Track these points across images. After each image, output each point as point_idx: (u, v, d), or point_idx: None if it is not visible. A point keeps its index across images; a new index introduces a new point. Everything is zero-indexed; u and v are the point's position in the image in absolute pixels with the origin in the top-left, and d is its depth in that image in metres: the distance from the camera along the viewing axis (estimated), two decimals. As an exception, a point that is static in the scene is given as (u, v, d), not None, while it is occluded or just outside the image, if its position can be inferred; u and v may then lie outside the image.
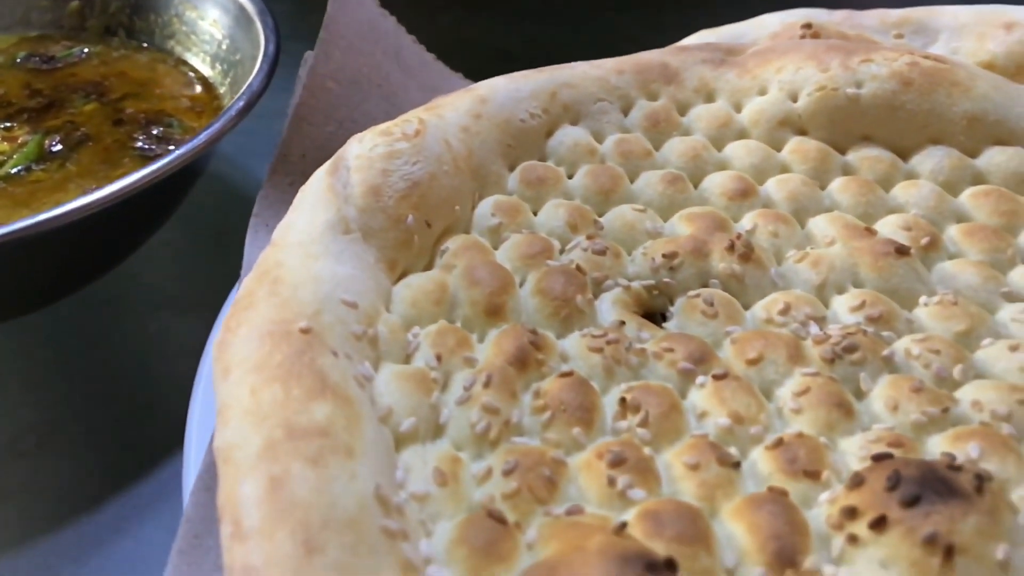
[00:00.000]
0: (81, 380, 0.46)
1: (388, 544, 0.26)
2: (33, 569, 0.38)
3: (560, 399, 0.33)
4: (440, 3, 0.84)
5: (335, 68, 0.48)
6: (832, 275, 0.38)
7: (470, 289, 0.37)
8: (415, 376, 0.33)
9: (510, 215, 0.41)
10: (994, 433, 0.31)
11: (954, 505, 0.27)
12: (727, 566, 0.28)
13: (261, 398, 0.28)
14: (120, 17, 0.60)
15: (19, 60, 0.58)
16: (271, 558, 0.24)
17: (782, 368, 0.34)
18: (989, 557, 0.26)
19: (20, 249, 0.39)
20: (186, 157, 0.41)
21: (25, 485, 0.41)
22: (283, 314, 0.32)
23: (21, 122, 0.52)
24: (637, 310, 0.39)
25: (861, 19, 0.55)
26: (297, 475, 0.26)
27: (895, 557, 0.27)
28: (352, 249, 0.36)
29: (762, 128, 0.46)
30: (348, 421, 0.28)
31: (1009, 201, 0.42)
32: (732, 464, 0.31)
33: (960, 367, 0.34)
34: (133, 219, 0.45)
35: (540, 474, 0.30)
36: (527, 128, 0.44)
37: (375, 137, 0.39)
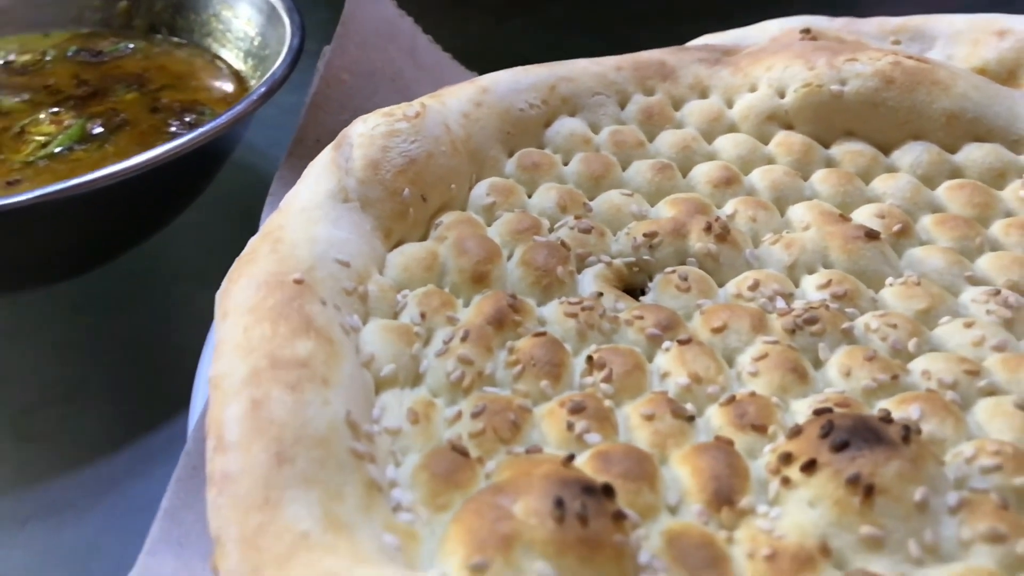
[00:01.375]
0: (107, 341, 0.49)
1: (355, 463, 0.29)
2: (57, 503, 0.41)
3: (531, 355, 0.35)
4: (470, 12, 0.88)
5: (350, 61, 0.52)
6: (803, 256, 0.41)
7: (458, 258, 0.39)
8: (399, 329, 0.36)
9: (504, 195, 0.44)
10: (937, 398, 0.33)
11: (879, 451, 0.29)
12: (670, 503, 0.30)
13: (251, 335, 0.32)
14: (163, 16, 0.65)
15: (70, 54, 0.63)
16: (246, 467, 0.27)
17: (745, 336, 0.37)
18: (907, 498, 0.28)
19: (55, 213, 0.43)
20: (208, 135, 0.45)
21: (51, 430, 0.45)
22: (280, 267, 0.35)
23: (68, 108, 0.57)
24: (618, 284, 0.41)
25: (860, 26, 0.57)
26: (276, 398, 0.29)
27: (821, 496, 0.29)
28: (350, 216, 0.39)
29: (751, 122, 0.48)
30: (327, 357, 0.31)
31: (982, 193, 0.44)
32: (686, 417, 0.33)
33: (915, 340, 0.36)
34: (161, 192, 0.48)
35: (506, 418, 0.32)
36: (526, 117, 0.47)
37: (378, 118, 0.42)
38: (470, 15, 0.87)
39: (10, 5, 0.64)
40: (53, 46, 0.63)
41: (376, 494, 0.29)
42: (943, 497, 0.29)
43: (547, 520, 0.26)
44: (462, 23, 0.88)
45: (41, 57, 0.62)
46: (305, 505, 0.27)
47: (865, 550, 0.28)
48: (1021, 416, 0.32)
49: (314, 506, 0.27)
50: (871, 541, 0.27)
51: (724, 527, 0.29)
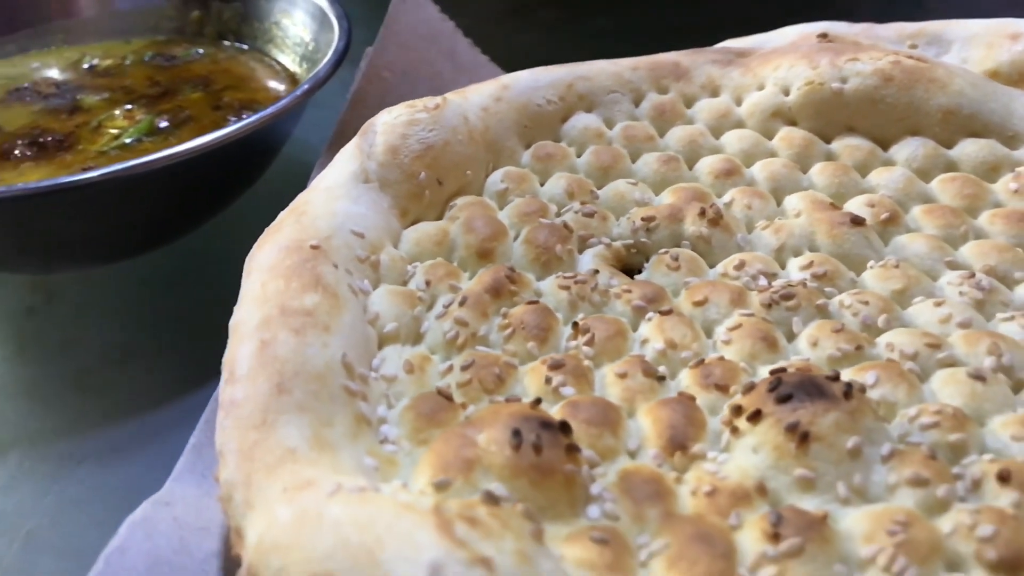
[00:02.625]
0: (161, 313, 0.55)
1: (347, 398, 0.33)
2: (108, 448, 0.46)
3: (522, 319, 0.39)
4: (520, 25, 0.92)
5: (391, 60, 0.56)
6: (791, 240, 0.43)
7: (467, 235, 0.43)
8: (404, 293, 0.40)
9: (517, 182, 0.47)
10: (895, 366, 0.35)
11: (819, 403, 0.31)
12: (630, 448, 0.33)
13: (267, 288, 0.36)
14: (231, 24, 0.71)
15: (147, 59, 0.69)
16: (250, 394, 0.31)
17: (723, 309, 0.39)
18: (840, 445, 0.30)
19: (120, 192, 0.48)
20: (252, 125, 0.50)
21: (107, 387, 0.50)
22: (301, 235, 0.39)
23: (140, 105, 0.63)
24: (616, 265, 0.44)
25: (879, 31, 0.59)
26: (281, 340, 0.33)
27: (763, 442, 0.31)
28: (369, 195, 0.43)
29: (756, 119, 0.51)
30: (330, 308, 0.35)
31: (973, 185, 0.45)
32: (656, 377, 0.36)
33: (885, 317, 0.38)
34: (215, 177, 0.53)
35: (491, 371, 0.36)
36: (543, 112, 0.51)
37: (401, 109, 0.46)
38: (520, 27, 0.92)
39: (97, 16, 0.70)
40: (132, 52, 0.70)
41: (365, 427, 0.33)
42: (878, 447, 0.31)
43: (505, 447, 0.30)
44: (512, 35, 0.93)
45: (121, 61, 0.68)
46: (297, 427, 0.31)
47: (797, 490, 0.30)
48: (971, 384, 0.34)
49: (305, 429, 0.31)
50: (803, 482, 0.30)
51: (675, 469, 0.32)
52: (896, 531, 0.28)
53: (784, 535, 0.28)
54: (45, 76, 0.66)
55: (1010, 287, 0.40)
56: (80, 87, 0.65)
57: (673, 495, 0.31)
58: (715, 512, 0.30)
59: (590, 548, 0.28)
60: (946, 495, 0.29)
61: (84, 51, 0.69)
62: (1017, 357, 0.35)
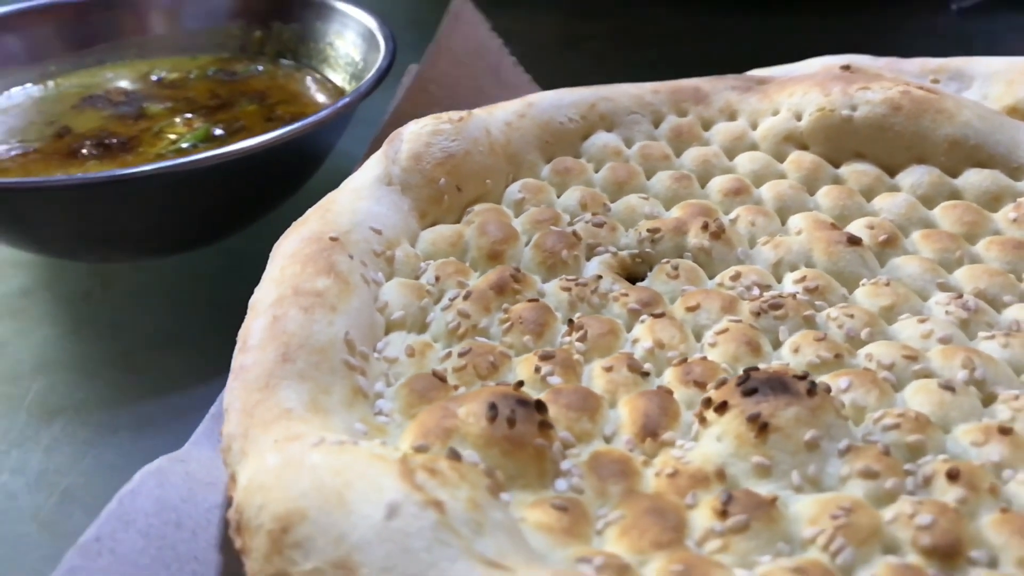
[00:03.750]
0: (205, 304, 0.59)
1: (346, 371, 0.36)
2: (144, 420, 0.50)
3: (521, 315, 0.41)
4: (568, 54, 0.96)
5: (439, 75, 0.60)
6: (788, 256, 0.45)
7: (479, 237, 0.46)
8: (413, 285, 0.43)
9: (534, 192, 0.50)
10: (870, 374, 0.37)
11: (782, 398, 0.33)
12: (606, 434, 0.35)
13: (285, 272, 0.39)
14: (289, 44, 0.75)
15: (210, 73, 0.74)
16: (257, 361, 0.35)
17: (714, 315, 0.41)
18: (797, 437, 0.32)
19: (171, 187, 0.52)
20: (296, 131, 0.54)
21: (149, 367, 0.54)
22: (323, 228, 0.43)
23: (199, 115, 0.67)
24: (621, 272, 0.46)
25: (902, 65, 0.60)
26: (291, 316, 0.36)
27: (726, 432, 0.33)
28: (391, 197, 0.47)
29: (769, 142, 0.53)
30: (339, 292, 0.38)
31: (974, 213, 0.47)
32: (641, 372, 0.38)
33: (868, 330, 0.40)
34: (261, 179, 0.57)
35: (486, 359, 0.39)
36: (565, 129, 0.54)
37: (428, 120, 0.50)
38: (571, 57, 0.95)
39: (167, 34, 0.76)
40: (197, 67, 0.75)
41: (361, 398, 0.35)
42: (836, 443, 0.33)
43: (481, 419, 0.32)
44: (561, 63, 0.96)
45: (186, 75, 0.74)
46: (296, 392, 0.34)
47: (754, 476, 0.32)
48: (940, 393, 0.35)
49: (303, 394, 0.34)
50: (760, 468, 0.32)
51: (645, 454, 0.34)
52: (839, 515, 0.30)
53: (732, 513, 0.30)
54: (117, 86, 0.72)
55: (998, 310, 0.41)
56: (147, 96, 0.70)
57: (638, 475, 0.33)
58: (674, 491, 0.32)
59: (550, 513, 0.30)
60: (894, 487, 0.31)
61: (154, 65, 0.75)
62: (990, 371, 0.37)
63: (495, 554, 0.26)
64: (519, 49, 0.96)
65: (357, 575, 0.25)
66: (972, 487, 0.31)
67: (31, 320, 0.57)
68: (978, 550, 0.29)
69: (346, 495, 0.27)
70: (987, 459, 0.32)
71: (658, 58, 0.94)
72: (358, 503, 0.27)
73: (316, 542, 0.26)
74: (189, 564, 0.32)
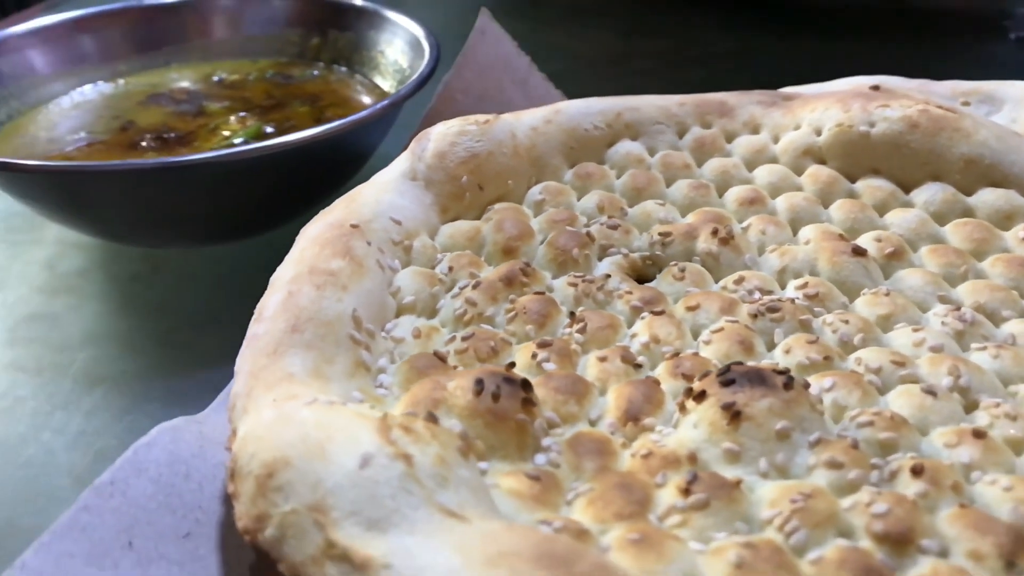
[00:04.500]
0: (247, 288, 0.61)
1: (351, 345, 0.38)
2: (175, 394, 0.53)
3: (526, 306, 0.43)
4: (612, 72, 0.98)
5: (465, 85, 0.63)
6: (793, 263, 0.46)
7: (496, 233, 0.48)
8: (427, 273, 0.45)
9: (554, 195, 0.52)
10: (855, 376, 0.38)
11: (758, 390, 0.35)
12: (591, 417, 0.37)
13: (304, 253, 0.42)
14: (344, 52, 0.79)
15: (268, 76, 0.78)
16: (268, 330, 0.37)
17: (713, 315, 0.43)
18: (768, 426, 0.34)
19: (220, 175, 0.56)
20: (337, 128, 0.57)
21: (187, 344, 0.57)
22: (346, 216, 0.45)
23: (253, 114, 0.71)
24: (631, 274, 0.48)
25: (933, 87, 0.61)
26: (305, 292, 0.39)
27: (702, 419, 0.35)
28: (414, 191, 0.49)
29: (789, 156, 0.54)
30: (352, 273, 0.41)
31: (984, 231, 0.47)
32: (634, 364, 0.40)
33: (861, 336, 0.41)
34: (303, 173, 0.60)
35: (487, 344, 0.41)
36: (590, 136, 0.56)
37: (456, 121, 0.52)
38: (615, 75, 0.97)
39: (230, 38, 0.80)
40: (257, 70, 0.79)
41: (363, 371, 0.38)
42: (807, 435, 0.34)
43: (468, 393, 0.34)
44: (605, 81, 0.98)
45: (245, 77, 0.78)
46: (301, 360, 0.36)
47: (724, 461, 0.33)
48: (921, 397, 0.36)
49: (307, 361, 0.36)
50: (730, 454, 0.33)
51: (625, 437, 0.36)
52: (798, 500, 0.31)
53: (694, 491, 0.31)
54: (181, 86, 0.76)
55: (996, 324, 0.42)
56: (207, 95, 0.74)
57: (615, 455, 0.34)
58: (645, 471, 0.33)
59: (522, 480, 0.32)
60: (857, 478, 0.32)
61: (216, 67, 0.79)
62: (976, 380, 0.37)
63: (455, 506, 0.28)
64: (566, 64, 0.98)
65: (328, 517, 0.28)
66: (935, 483, 0.32)
67: (84, 297, 0.61)
68: (930, 540, 0.29)
69: (327, 446, 0.29)
70: (957, 460, 0.33)
71: (705, 77, 0.94)
72: (336, 453, 0.29)
73: (296, 487, 0.29)
74: (193, 512, 0.35)
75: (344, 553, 0.27)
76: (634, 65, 1.00)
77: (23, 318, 0.59)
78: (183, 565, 0.34)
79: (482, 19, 0.68)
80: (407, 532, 0.27)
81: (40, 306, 0.61)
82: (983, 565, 0.28)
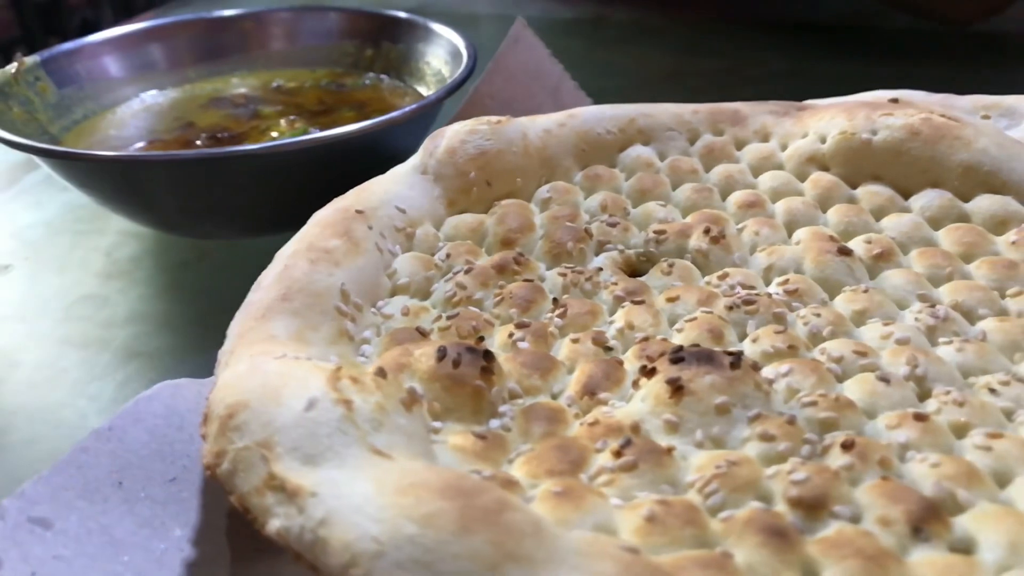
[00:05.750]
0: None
1: (336, 316, 0.41)
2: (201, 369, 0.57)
3: (512, 291, 0.45)
4: (667, 88, 0.99)
5: (495, 90, 0.66)
6: (780, 262, 0.47)
7: (497, 226, 0.51)
8: (424, 258, 0.48)
9: (561, 193, 0.54)
10: (814, 363, 0.39)
11: (704, 367, 0.36)
12: (553, 391, 0.39)
13: (307, 233, 0.45)
14: (394, 63, 0.83)
15: (322, 84, 0.83)
16: (261, 298, 0.41)
17: (691, 307, 0.44)
18: (708, 400, 0.35)
19: (261, 168, 0.60)
20: (371, 126, 0.60)
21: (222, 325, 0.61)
22: (354, 203, 0.49)
23: (303, 118, 0.76)
24: (625, 269, 0.50)
25: (955, 101, 0.61)
26: (299, 266, 0.42)
27: (649, 393, 0.36)
28: (423, 184, 0.52)
29: (794, 162, 0.55)
30: (347, 251, 0.44)
31: (976, 235, 0.47)
32: (604, 347, 0.42)
33: (831, 328, 0.42)
34: (339, 169, 0.64)
35: (469, 324, 0.43)
36: (602, 140, 0.58)
37: (470, 121, 0.55)
38: (668, 91, 0.99)
39: (290, 49, 0.86)
40: (313, 78, 0.84)
41: (346, 340, 0.41)
42: (747, 411, 0.35)
43: (431, 359, 0.37)
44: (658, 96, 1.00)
45: (301, 84, 0.83)
46: (285, 325, 0.39)
47: (663, 431, 0.35)
48: (875, 384, 0.37)
49: (292, 327, 0.39)
50: (668, 425, 0.35)
51: (580, 409, 0.38)
52: (722, 466, 0.32)
53: (626, 454, 0.33)
54: (241, 91, 0.82)
55: (972, 321, 0.42)
56: (263, 100, 0.80)
57: (565, 424, 0.36)
58: (588, 437, 0.35)
59: (469, 438, 0.34)
60: (786, 450, 0.33)
61: (276, 75, 0.84)
62: (933, 369, 0.38)
63: (384, 446, 0.30)
64: (618, 81, 1.00)
65: (273, 452, 0.30)
66: (862, 457, 0.33)
67: (134, 281, 0.66)
68: (843, 506, 0.30)
69: (282, 392, 0.32)
70: (895, 440, 0.34)
71: (754, 96, 0.95)
72: (288, 398, 0.32)
73: (250, 426, 0.32)
74: (181, 459, 0.38)
75: (281, 483, 0.30)
76: (686, 83, 1.01)
77: (78, 298, 0.65)
78: (166, 505, 0.37)
79: (516, 27, 0.71)
80: (337, 466, 0.29)
81: (94, 288, 0.66)
82: (889, 530, 0.29)
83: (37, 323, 0.63)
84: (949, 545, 0.29)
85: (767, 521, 0.30)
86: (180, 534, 0.36)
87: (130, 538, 0.35)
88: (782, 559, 0.28)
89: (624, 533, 0.30)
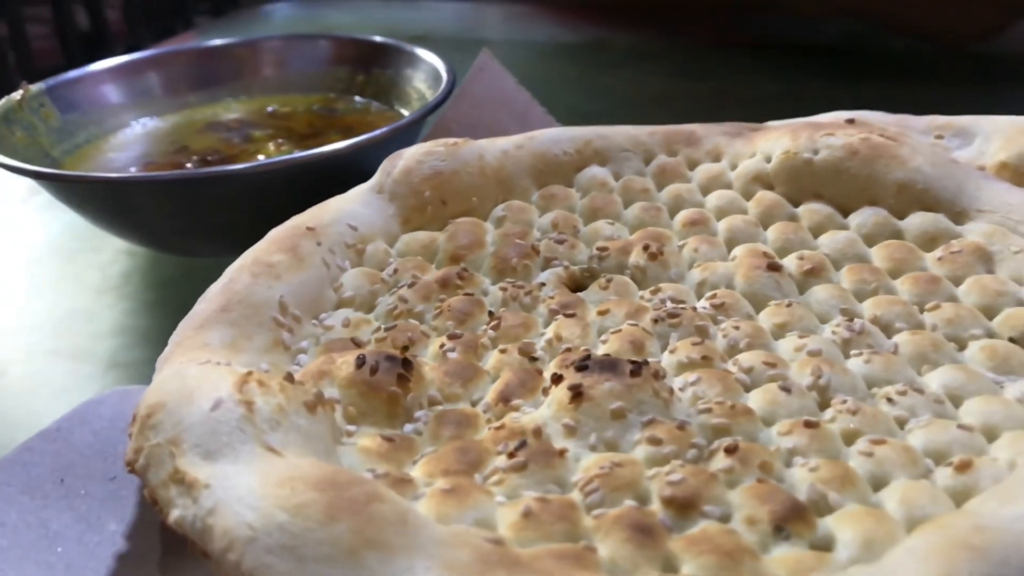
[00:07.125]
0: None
1: (273, 327, 0.44)
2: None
3: (451, 304, 0.47)
4: (653, 111, 1.01)
5: (460, 115, 0.68)
6: (712, 277, 0.49)
7: (448, 242, 0.53)
8: (371, 273, 0.50)
9: (515, 212, 0.56)
10: (721, 373, 0.40)
11: (604, 375, 0.38)
12: (473, 399, 0.41)
13: (257, 249, 0.48)
14: (384, 88, 0.86)
15: (314, 108, 0.86)
16: (203, 310, 0.43)
17: (619, 320, 0.46)
18: (604, 406, 0.37)
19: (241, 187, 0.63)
20: (350, 146, 0.63)
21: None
22: (307, 220, 0.51)
23: (292, 141, 0.79)
24: (569, 284, 0.52)
25: (911, 122, 0.62)
26: (242, 279, 0.45)
27: (553, 400, 0.38)
28: (378, 203, 0.55)
29: (741, 182, 0.56)
30: (289, 266, 0.46)
31: (905, 252, 0.49)
32: (530, 357, 0.44)
33: (747, 341, 0.43)
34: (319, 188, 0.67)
35: (405, 335, 0.45)
36: (559, 161, 0.60)
37: (428, 143, 0.58)
38: (655, 114, 1.00)
39: (285, 75, 0.89)
40: (305, 103, 0.87)
41: (281, 349, 0.43)
42: (643, 417, 0.37)
43: (350, 366, 0.39)
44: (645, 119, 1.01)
45: (294, 109, 0.86)
46: (220, 334, 0.42)
47: (561, 435, 0.37)
48: (776, 393, 0.39)
49: (227, 336, 0.42)
50: (566, 429, 0.37)
51: (493, 416, 0.40)
52: (606, 467, 0.34)
53: (517, 455, 0.35)
54: (235, 116, 0.85)
55: (889, 335, 0.44)
56: (256, 124, 0.83)
57: (475, 429, 0.38)
58: (492, 441, 0.37)
59: (377, 440, 0.36)
60: (671, 453, 0.35)
61: (271, 101, 0.88)
62: (836, 380, 0.39)
63: (278, 445, 0.32)
64: (606, 105, 1.02)
65: (180, 448, 0.33)
66: (744, 461, 0.34)
67: (121, 296, 0.70)
68: (714, 506, 0.32)
69: (195, 393, 0.35)
70: (783, 445, 0.36)
71: (743, 118, 0.97)
72: (199, 399, 0.34)
73: (164, 424, 0.34)
74: (122, 461, 0.41)
75: (182, 477, 0.32)
76: (674, 106, 1.03)
77: (68, 312, 0.68)
78: (104, 502, 0.39)
79: (482, 58, 0.73)
80: (231, 461, 0.32)
81: (85, 303, 0.69)
82: (753, 528, 0.31)
83: (29, 335, 0.66)
84: (810, 543, 0.31)
85: (635, 518, 0.31)
86: (115, 529, 0.39)
87: (66, 531, 0.38)
88: (644, 554, 0.30)
89: (501, 528, 0.32)
